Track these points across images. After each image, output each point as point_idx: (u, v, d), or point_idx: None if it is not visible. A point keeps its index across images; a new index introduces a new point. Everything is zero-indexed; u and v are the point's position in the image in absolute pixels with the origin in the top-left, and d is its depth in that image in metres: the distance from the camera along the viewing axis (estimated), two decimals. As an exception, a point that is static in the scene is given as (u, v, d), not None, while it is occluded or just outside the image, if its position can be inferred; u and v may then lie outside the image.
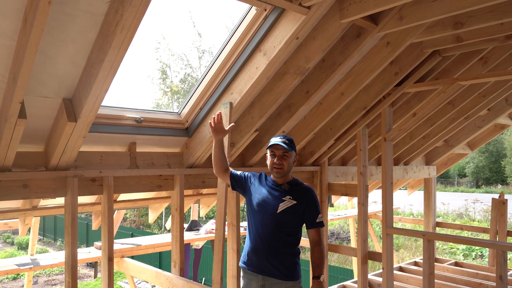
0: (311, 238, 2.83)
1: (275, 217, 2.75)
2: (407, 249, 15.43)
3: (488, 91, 5.15)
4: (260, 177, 3.01)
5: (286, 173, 2.84)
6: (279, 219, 2.75)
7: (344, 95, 3.92)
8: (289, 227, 2.79)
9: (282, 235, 2.77)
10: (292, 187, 2.86)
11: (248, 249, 2.86)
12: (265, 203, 2.81)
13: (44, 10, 1.83)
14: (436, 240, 5.49)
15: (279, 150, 2.79)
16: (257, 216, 2.83)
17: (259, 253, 2.78)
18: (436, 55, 3.94)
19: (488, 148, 34.43)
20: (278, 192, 2.83)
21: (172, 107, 21.32)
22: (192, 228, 6.29)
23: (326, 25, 2.99)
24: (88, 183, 3.23)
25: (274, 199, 2.80)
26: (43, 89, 2.50)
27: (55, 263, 4.36)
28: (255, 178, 3.01)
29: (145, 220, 19.97)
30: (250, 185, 2.97)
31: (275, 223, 2.75)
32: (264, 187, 2.90)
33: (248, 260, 2.84)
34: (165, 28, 34.92)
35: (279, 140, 2.80)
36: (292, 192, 2.82)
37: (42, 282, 12.17)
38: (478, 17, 3.02)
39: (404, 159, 6.37)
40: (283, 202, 2.77)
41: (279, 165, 2.78)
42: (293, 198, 2.79)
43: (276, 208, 2.76)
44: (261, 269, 2.77)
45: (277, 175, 2.83)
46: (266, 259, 2.76)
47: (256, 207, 2.85)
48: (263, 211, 2.80)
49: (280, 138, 2.81)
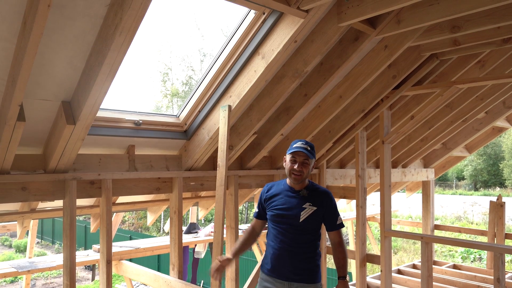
0: (333, 240, 2.84)
1: (298, 226, 2.72)
2: (405, 251, 15.43)
3: (486, 94, 5.17)
4: (275, 185, 2.94)
5: (304, 180, 2.80)
6: (302, 227, 2.73)
7: (342, 98, 3.93)
8: (311, 233, 2.78)
9: (305, 241, 2.76)
10: (310, 193, 2.81)
11: (271, 256, 2.81)
12: (286, 213, 2.76)
13: (43, 13, 1.83)
14: (434, 242, 5.49)
15: (300, 157, 2.73)
16: (279, 226, 2.79)
17: (284, 260, 2.75)
18: (433, 58, 3.96)
19: (486, 151, 34.50)
20: (298, 200, 2.78)
21: (172, 110, 21.34)
22: (191, 231, 6.28)
23: (324, 29, 3.00)
24: (86, 185, 3.24)
25: (295, 207, 2.75)
26: (42, 92, 2.50)
27: (53, 266, 4.35)
28: (269, 189, 2.94)
29: (144, 222, 19.94)
30: (266, 197, 2.91)
31: (298, 231, 2.73)
32: (282, 195, 2.84)
33: (272, 268, 2.79)
34: (168, 30, 34.94)
35: (302, 146, 2.74)
36: (311, 198, 2.78)
37: (40, 285, 12.13)
38: (475, 21, 3.04)
39: (402, 162, 6.38)
40: (304, 210, 2.73)
41: (299, 172, 2.72)
42: (313, 204, 2.75)
43: (298, 217, 2.72)
44: (286, 276, 2.74)
45: (295, 181, 2.77)
46: (292, 266, 2.73)
47: (277, 217, 2.80)
48: (285, 221, 2.76)
49: (302, 144, 2.75)
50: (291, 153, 2.75)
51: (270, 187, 2.94)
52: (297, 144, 2.77)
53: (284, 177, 3.01)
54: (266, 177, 4.55)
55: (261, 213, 2.96)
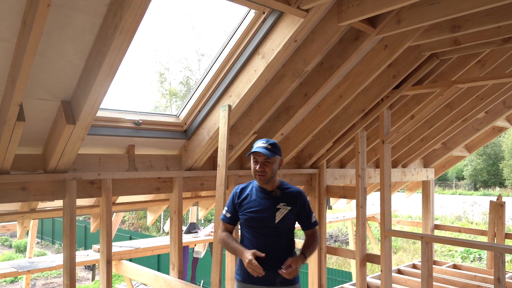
0: (308, 237, 2.83)
1: (274, 227, 2.69)
2: (405, 251, 15.44)
3: (486, 93, 5.17)
4: (246, 187, 2.86)
5: (270, 179, 2.73)
6: (278, 228, 2.69)
7: (343, 98, 3.93)
8: (287, 233, 2.76)
9: (282, 242, 2.72)
10: (283, 192, 2.77)
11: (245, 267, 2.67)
12: (261, 215, 2.71)
13: (43, 13, 1.83)
14: (434, 242, 5.49)
15: (260, 157, 2.68)
16: (254, 229, 2.73)
17: (262, 264, 2.60)
18: (433, 58, 3.95)
19: (486, 150, 34.52)
20: (271, 200, 2.73)
21: (171, 110, 21.34)
22: (191, 231, 6.28)
23: (324, 28, 3.00)
24: (86, 185, 3.23)
25: (269, 209, 2.71)
26: (41, 92, 2.50)
27: (53, 266, 4.34)
28: (241, 191, 2.85)
29: (144, 222, 19.93)
30: (238, 201, 2.81)
31: (274, 232, 2.69)
32: (254, 197, 2.77)
33: (249, 277, 2.68)
34: (165, 31, 34.97)
35: (261, 146, 2.69)
36: (284, 198, 2.74)
37: (40, 285, 12.13)
38: (475, 21, 3.04)
39: (402, 162, 6.38)
40: (279, 211, 2.70)
41: (262, 172, 2.68)
42: (287, 204, 2.72)
43: (273, 218, 2.68)
44: (267, 280, 2.65)
45: (260, 182, 2.73)
46: (271, 269, 2.62)
47: (251, 220, 2.73)
48: (260, 223, 2.71)
49: (262, 143, 2.71)
50: (251, 154, 2.70)
51: (241, 190, 2.85)
52: (257, 145, 2.72)
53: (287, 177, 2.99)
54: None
55: (234, 217, 2.83)
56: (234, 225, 2.88)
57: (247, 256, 2.59)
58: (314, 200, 5.20)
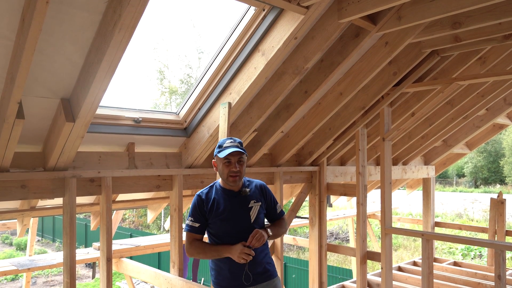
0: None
1: (250, 227, 2.62)
2: (406, 249, 15.46)
3: (487, 91, 5.16)
4: (209, 192, 2.72)
5: (241, 179, 2.66)
6: (254, 227, 2.64)
7: (343, 95, 3.92)
8: (261, 228, 2.70)
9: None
10: (249, 189, 2.72)
11: (229, 268, 2.62)
12: (234, 217, 2.62)
13: (41, 10, 1.82)
14: (435, 240, 5.49)
15: (235, 157, 2.57)
16: (229, 235, 2.61)
17: (243, 265, 2.59)
18: (434, 55, 3.94)
19: (487, 148, 34.51)
20: (241, 201, 2.66)
21: (171, 107, 21.32)
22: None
23: (324, 25, 2.99)
24: (86, 183, 3.23)
25: (241, 209, 2.64)
26: (41, 89, 2.49)
27: (54, 264, 4.34)
28: (206, 197, 2.70)
29: (144, 220, 19.96)
30: (208, 209, 2.66)
31: (251, 232, 2.58)
32: (222, 200, 2.65)
33: (232, 277, 2.62)
34: (164, 28, 34.89)
35: (231, 145, 2.58)
36: (252, 195, 2.70)
37: (40, 283, 12.15)
38: (477, 17, 3.03)
39: (403, 159, 6.38)
40: (252, 210, 2.65)
41: (237, 172, 2.57)
42: (257, 200, 2.70)
43: (248, 218, 2.63)
44: (251, 280, 2.61)
45: (234, 183, 2.61)
46: (253, 268, 2.62)
47: (226, 225, 2.62)
48: (235, 227, 2.61)
49: (232, 143, 2.59)
50: (225, 156, 2.56)
51: (207, 195, 2.70)
52: (226, 144, 2.59)
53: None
54: (266, 174, 4.55)
55: (203, 226, 2.67)
56: (203, 234, 2.72)
57: (236, 247, 2.53)
58: (314, 198, 5.20)
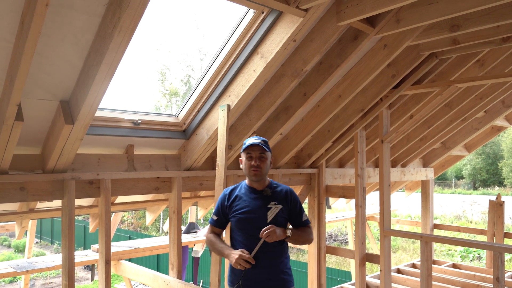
0: None
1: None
2: (405, 251, 15.45)
3: (485, 93, 5.17)
4: (235, 189, 2.79)
5: (263, 176, 2.68)
6: None
7: (342, 98, 3.93)
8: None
9: (276, 244, 2.63)
10: (273, 191, 2.72)
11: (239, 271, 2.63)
12: (252, 215, 2.64)
13: (41, 12, 1.83)
14: (433, 242, 5.49)
15: (256, 152, 2.63)
16: (246, 231, 2.65)
17: (257, 267, 2.58)
18: (433, 57, 3.95)
19: (485, 150, 34.55)
20: (262, 200, 2.67)
21: (171, 109, 21.33)
22: (190, 231, 6.28)
23: (323, 28, 2.99)
24: (85, 185, 3.23)
25: (260, 209, 2.64)
26: (40, 91, 2.50)
27: (52, 266, 4.34)
28: (230, 193, 2.77)
29: (143, 222, 19.92)
30: (228, 204, 2.73)
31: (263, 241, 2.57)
32: (244, 197, 2.70)
33: (244, 281, 2.63)
34: (168, 29, 34.87)
35: (255, 141, 2.63)
36: (275, 197, 2.69)
37: (39, 285, 12.12)
38: (475, 20, 3.04)
39: (402, 161, 6.38)
40: (270, 210, 2.63)
41: (257, 167, 2.62)
42: (278, 203, 2.66)
43: (264, 218, 2.61)
44: (263, 283, 2.61)
45: (255, 178, 2.66)
46: (267, 272, 2.61)
47: (243, 222, 2.65)
48: (251, 225, 2.62)
49: (255, 139, 2.65)
50: (246, 150, 2.65)
51: (230, 192, 2.78)
52: (250, 140, 2.67)
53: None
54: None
55: (222, 220, 2.78)
56: (222, 228, 2.82)
57: (235, 252, 2.56)
58: (313, 200, 5.20)
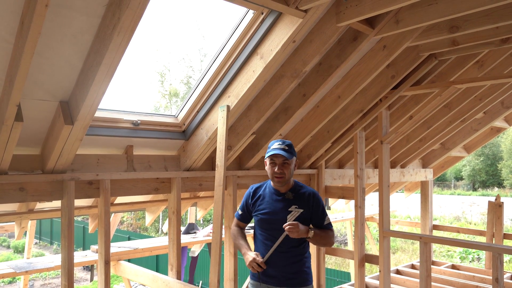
0: None
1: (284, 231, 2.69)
2: (404, 251, 15.45)
3: (484, 94, 5.18)
4: (260, 187, 2.92)
5: (287, 181, 2.77)
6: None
7: (341, 98, 3.93)
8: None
9: (294, 244, 2.73)
10: (296, 195, 2.78)
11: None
12: (272, 217, 2.75)
13: (41, 13, 1.83)
14: (433, 243, 5.49)
15: (279, 159, 2.71)
16: (266, 231, 2.77)
17: (275, 265, 2.71)
18: (432, 58, 3.96)
19: (484, 151, 34.57)
20: (283, 203, 2.75)
21: (171, 110, 21.34)
22: (189, 231, 6.27)
23: (322, 29, 3.00)
24: (85, 186, 3.23)
25: (281, 211, 2.73)
26: (39, 92, 2.50)
27: (52, 267, 4.33)
28: (255, 191, 2.92)
29: (142, 223, 19.92)
30: (252, 202, 2.89)
31: (286, 235, 2.68)
32: (267, 198, 2.82)
33: (262, 275, 2.76)
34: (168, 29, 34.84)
35: (278, 147, 2.72)
36: (297, 200, 2.76)
37: (38, 285, 12.11)
38: (474, 21, 3.04)
39: (401, 162, 6.39)
40: (291, 214, 2.70)
41: (280, 174, 2.71)
42: (299, 207, 2.73)
43: (284, 221, 2.68)
44: (277, 282, 2.72)
45: (279, 184, 2.77)
46: (283, 271, 2.71)
47: (263, 222, 2.79)
48: (271, 226, 2.74)
49: (279, 145, 2.73)
50: (269, 156, 2.73)
51: (255, 189, 2.91)
52: (274, 146, 2.74)
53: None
54: (264, 177, 4.54)
55: (245, 216, 2.95)
56: (245, 223, 2.99)
57: (250, 255, 2.69)
58: (312, 201, 5.20)
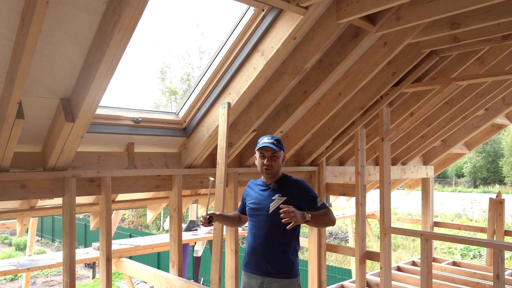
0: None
1: (269, 218, 2.83)
2: (405, 248, 15.46)
3: (485, 91, 5.17)
4: (253, 182, 3.12)
5: (275, 173, 2.92)
6: (273, 219, 2.80)
7: (342, 95, 3.93)
8: (284, 225, 2.72)
9: (278, 234, 2.81)
10: (280, 184, 2.92)
11: (247, 251, 2.95)
12: (258, 206, 2.92)
13: (41, 10, 1.83)
14: (433, 239, 5.49)
15: (268, 152, 2.87)
16: (253, 219, 2.94)
17: (257, 253, 2.86)
18: (433, 55, 3.95)
19: (485, 148, 34.50)
20: (267, 192, 2.92)
21: (171, 107, 21.33)
22: (191, 229, 6.29)
23: (323, 26, 2.99)
24: (86, 183, 3.23)
25: (265, 200, 2.90)
26: (40, 89, 2.50)
27: (53, 264, 4.35)
28: (248, 187, 3.13)
29: (144, 220, 19.93)
30: (246, 195, 3.11)
31: (270, 223, 2.82)
32: (255, 190, 3.01)
33: (247, 262, 2.92)
34: (168, 26, 34.77)
35: (268, 141, 2.88)
36: (280, 189, 2.89)
37: (40, 283, 12.15)
38: (475, 18, 3.04)
39: (402, 159, 6.38)
40: (273, 202, 2.84)
41: (269, 166, 2.87)
42: (283, 195, 2.85)
43: (267, 208, 2.84)
44: (260, 269, 2.83)
45: (267, 175, 2.92)
46: (264, 259, 2.82)
47: (251, 211, 2.96)
48: (257, 214, 2.90)
49: (268, 139, 2.90)
50: (259, 149, 2.90)
51: (252, 183, 3.12)
52: (263, 140, 2.91)
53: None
54: (265, 174, 4.55)
55: (243, 207, 3.16)
56: (244, 214, 3.15)
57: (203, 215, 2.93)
58: (313, 198, 5.20)
